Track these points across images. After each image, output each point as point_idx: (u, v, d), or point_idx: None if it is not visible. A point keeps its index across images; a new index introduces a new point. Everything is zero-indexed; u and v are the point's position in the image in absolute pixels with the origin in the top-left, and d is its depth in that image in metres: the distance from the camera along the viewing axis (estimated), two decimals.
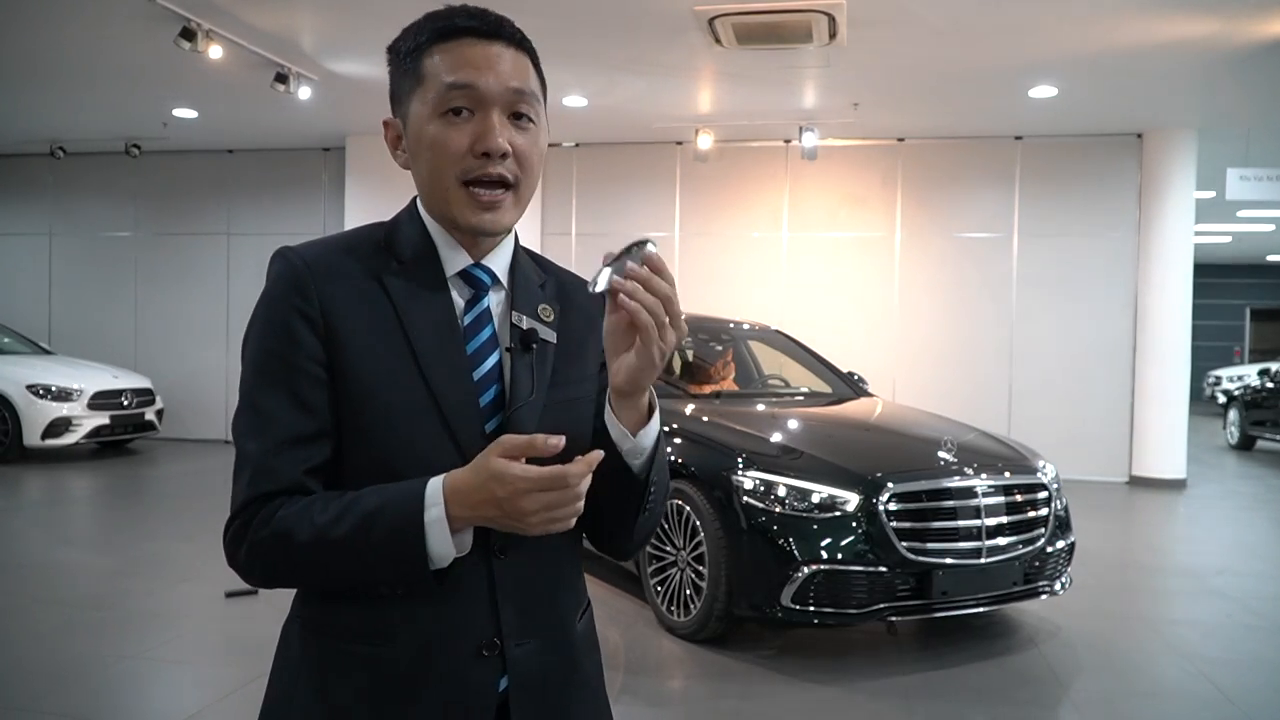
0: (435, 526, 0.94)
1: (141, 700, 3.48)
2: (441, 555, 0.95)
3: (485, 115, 1.03)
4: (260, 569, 1.01)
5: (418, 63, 1.06)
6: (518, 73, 1.05)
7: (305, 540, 0.96)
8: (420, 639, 1.03)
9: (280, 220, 10.59)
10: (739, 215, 9.68)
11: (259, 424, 1.01)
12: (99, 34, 6.59)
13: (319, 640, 1.07)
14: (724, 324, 5.95)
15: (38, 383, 8.75)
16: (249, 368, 1.04)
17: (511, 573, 1.06)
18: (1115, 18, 5.90)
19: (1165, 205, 8.71)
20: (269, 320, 1.03)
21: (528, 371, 1.08)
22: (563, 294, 1.18)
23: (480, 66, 1.03)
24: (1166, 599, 5.17)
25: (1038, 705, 3.53)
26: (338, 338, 1.02)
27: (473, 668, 1.04)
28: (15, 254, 11.29)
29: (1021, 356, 9.16)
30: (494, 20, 1.06)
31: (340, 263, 1.06)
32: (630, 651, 3.99)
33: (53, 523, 6.68)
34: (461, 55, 1.03)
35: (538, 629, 1.08)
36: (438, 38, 1.05)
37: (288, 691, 1.09)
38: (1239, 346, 21.05)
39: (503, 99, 1.04)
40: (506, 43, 1.06)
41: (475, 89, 1.02)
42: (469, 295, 1.09)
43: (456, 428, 1.03)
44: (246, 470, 1.00)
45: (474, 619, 1.04)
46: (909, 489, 3.83)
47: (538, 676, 1.08)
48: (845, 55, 6.69)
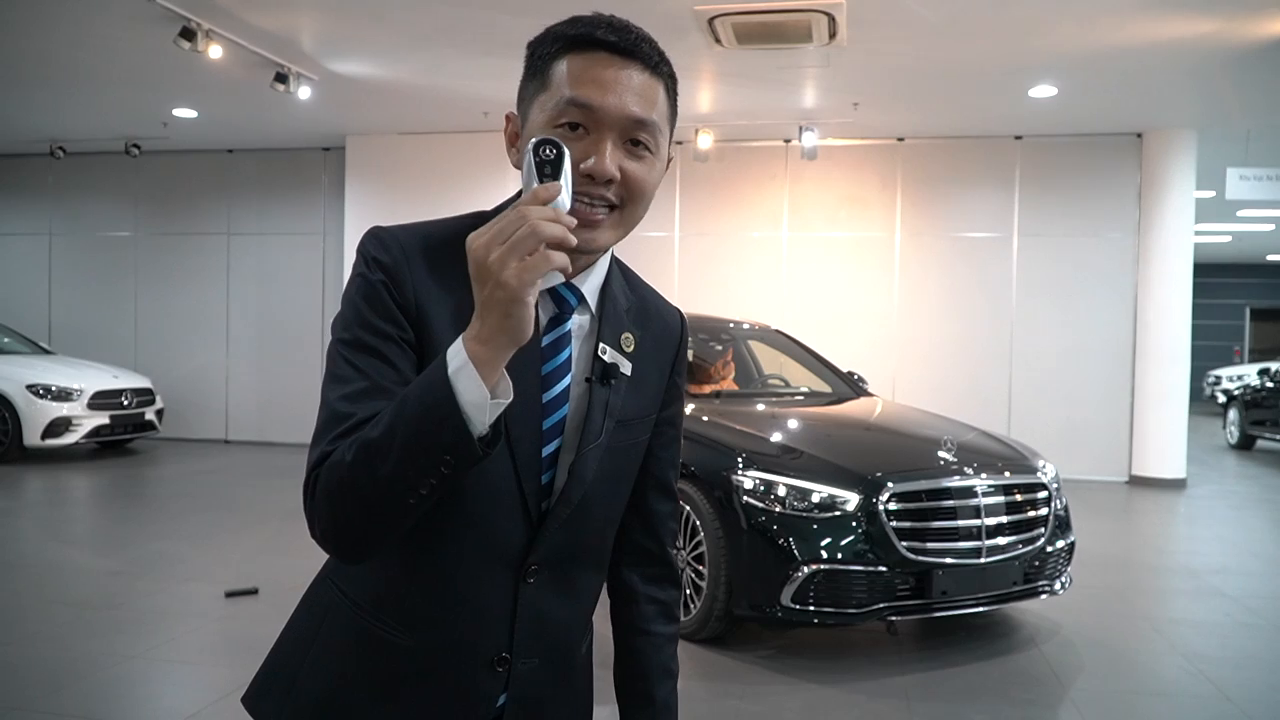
0: (461, 374, 0.87)
1: (141, 700, 3.48)
2: (475, 402, 0.87)
3: (599, 137, 0.99)
4: (331, 521, 0.94)
5: (547, 66, 1.02)
6: (644, 100, 1.00)
7: (351, 458, 0.91)
8: (437, 641, 1.05)
9: (280, 220, 10.59)
10: (739, 215, 9.68)
11: (346, 376, 0.98)
12: (99, 34, 6.59)
13: (346, 608, 1.09)
14: (724, 324, 5.95)
15: (38, 383, 8.75)
16: (342, 337, 1.00)
17: (533, 595, 1.07)
18: (1115, 18, 5.90)
19: (1165, 205, 8.71)
20: (366, 297, 1.00)
21: (601, 408, 1.06)
22: (645, 316, 1.15)
23: (606, 87, 0.98)
24: (1166, 598, 5.17)
25: (1038, 705, 3.53)
26: (426, 325, 1.00)
27: (481, 677, 1.07)
28: (15, 254, 11.29)
29: (1021, 356, 9.16)
30: (634, 39, 1.01)
31: (435, 253, 1.03)
32: None
33: (53, 523, 6.68)
34: (591, 71, 0.99)
35: (544, 649, 1.10)
36: (573, 46, 1.00)
37: (300, 650, 1.12)
38: (1239, 346, 21.05)
39: (619, 125, 0.99)
40: (642, 65, 1.01)
41: (593, 110, 0.98)
42: (552, 313, 1.05)
43: (517, 448, 1.02)
44: (328, 433, 0.96)
45: (490, 632, 1.07)
46: (909, 489, 3.83)
47: (535, 693, 1.11)
48: (845, 55, 6.69)
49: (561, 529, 1.06)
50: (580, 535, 1.09)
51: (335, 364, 1.00)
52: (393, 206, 9.44)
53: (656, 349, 1.17)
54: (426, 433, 0.88)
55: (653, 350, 1.16)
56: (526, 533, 1.05)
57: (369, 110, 8.62)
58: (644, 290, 1.19)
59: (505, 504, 1.03)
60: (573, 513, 1.06)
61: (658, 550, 1.25)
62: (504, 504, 1.03)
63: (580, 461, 1.05)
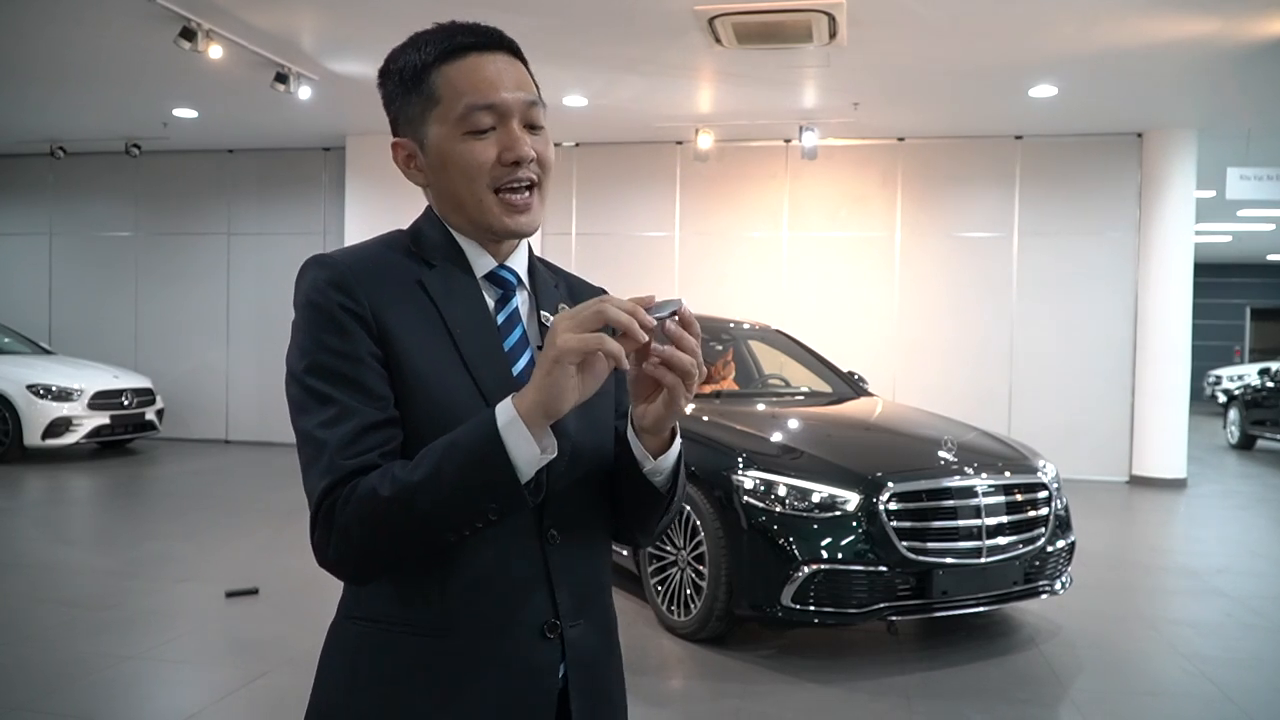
0: (511, 428, 0.94)
1: (141, 700, 3.48)
2: (525, 458, 0.94)
3: (508, 128, 1.08)
4: (353, 549, 0.99)
5: (426, 82, 1.09)
6: (524, 83, 1.11)
7: (389, 494, 0.96)
8: (483, 626, 1.05)
9: (280, 220, 10.60)
10: (739, 215, 9.68)
11: (332, 415, 1.01)
12: (99, 34, 6.59)
13: (378, 634, 1.07)
14: (724, 324, 5.95)
15: (38, 383, 8.75)
16: (308, 369, 1.03)
17: (563, 557, 1.10)
18: (1115, 17, 5.90)
19: (1165, 205, 8.71)
20: (322, 322, 1.03)
21: None
22: (574, 296, 1.23)
23: (496, 83, 1.08)
24: (1166, 598, 5.17)
25: (1038, 705, 3.53)
26: (389, 335, 1.04)
27: (536, 650, 1.08)
28: (15, 254, 11.29)
29: (1021, 356, 9.16)
30: (490, 33, 1.11)
31: (377, 265, 1.09)
32: (630, 651, 3.98)
33: (53, 523, 6.68)
34: (475, 74, 1.08)
35: (587, 611, 1.13)
36: (443, 56, 1.09)
37: (344, 686, 1.09)
38: (1239, 346, 21.04)
39: (520, 110, 1.09)
40: (507, 53, 1.11)
41: (497, 107, 1.08)
42: (498, 296, 1.14)
43: None
44: (323, 459, 1.00)
45: (534, 602, 1.08)
46: (909, 488, 3.83)
47: (589, 656, 1.13)
48: (845, 55, 6.69)
49: (562, 482, 1.08)
50: (581, 488, 1.12)
51: (303, 395, 1.03)
52: (393, 206, 9.42)
53: None
54: (474, 484, 0.95)
55: None
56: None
57: (369, 110, 8.61)
58: (565, 274, 1.28)
59: None
60: (568, 465, 1.07)
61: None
62: None
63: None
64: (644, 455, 1.08)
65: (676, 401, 1.01)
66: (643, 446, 1.07)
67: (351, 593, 1.11)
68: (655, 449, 1.08)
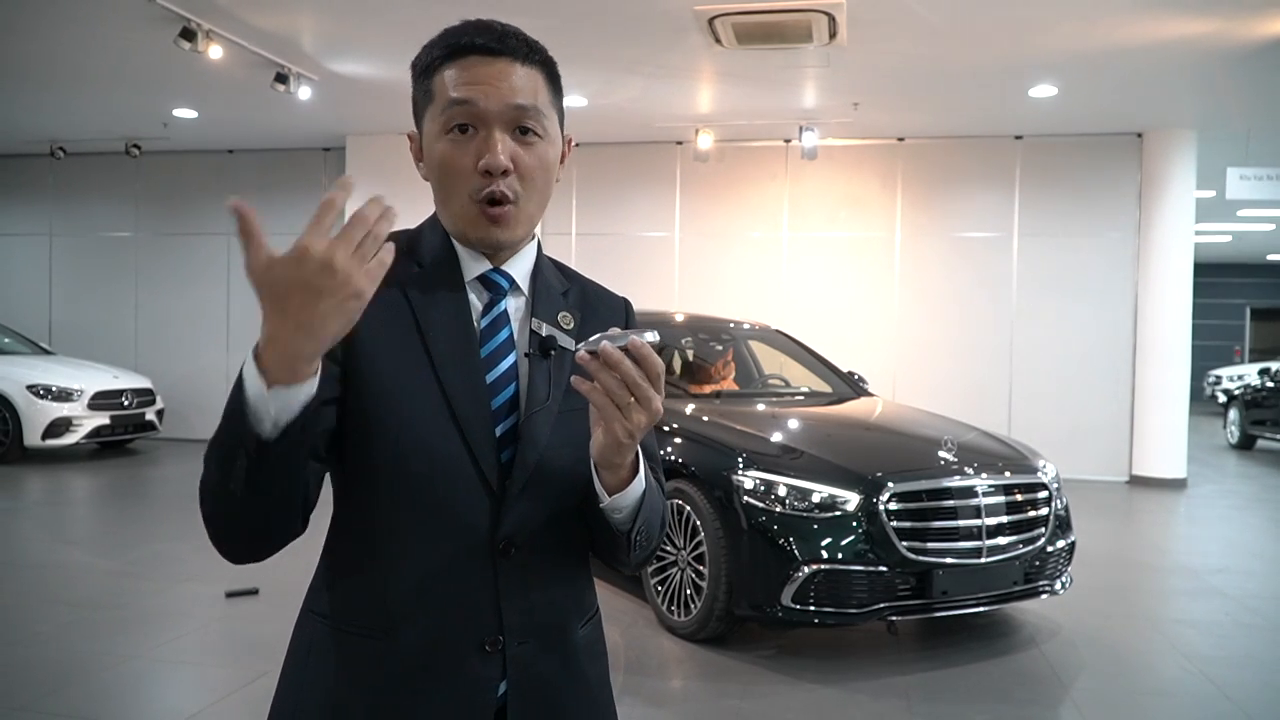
0: (247, 365, 0.87)
1: (142, 700, 3.48)
2: (254, 392, 0.87)
3: (487, 133, 1.05)
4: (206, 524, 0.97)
5: (430, 79, 1.08)
6: (523, 89, 1.06)
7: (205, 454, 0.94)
8: (424, 634, 1.04)
9: (280, 220, 10.46)
10: (739, 215, 9.68)
11: None
12: (99, 34, 6.59)
13: (326, 632, 1.08)
14: (724, 324, 5.95)
15: (38, 383, 8.75)
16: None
17: (515, 572, 1.07)
18: (1115, 17, 5.90)
19: (1165, 205, 8.71)
20: None
21: (544, 377, 1.09)
22: (585, 302, 1.19)
23: (483, 83, 1.05)
24: (1166, 598, 5.17)
25: (1038, 705, 3.53)
26: (354, 336, 1.00)
27: (475, 664, 1.05)
28: (15, 254, 11.29)
29: (1021, 356, 9.16)
30: (500, 35, 1.07)
31: None
32: (630, 651, 3.99)
33: (53, 523, 6.68)
34: (468, 73, 1.05)
35: (536, 629, 1.09)
36: (448, 55, 1.07)
37: (296, 682, 1.11)
38: (1239, 346, 21.05)
39: (503, 116, 1.05)
40: (512, 58, 1.06)
41: (474, 106, 1.04)
42: (487, 299, 1.11)
43: (467, 428, 1.04)
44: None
45: (477, 615, 1.05)
46: (909, 488, 3.84)
47: (536, 677, 1.09)
48: (845, 55, 6.69)
49: (523, 497, 1.05)
50: (546, 504, 1.08)
51: None
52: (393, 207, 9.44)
53: (604, 327, 1.17)
54: (226, 429, 0.89)
55: (601, 328, 1.16)
56: (492, 509, 1.05)
57: (369, 110, 8.62)
58: (583, 280, 1.24)
59: (464, 484, 1.04)
60: (531, 478, 1.05)
61: None
62: (463, 484, 1.04)
63: (528, 424, 1.06)
64: (600, 491, 1.03)
65: (611, 426, 0.95)
66: (599, 484, 1.03)
67: (313, 586, 1.12)
68: (611, 486, 1.02)
